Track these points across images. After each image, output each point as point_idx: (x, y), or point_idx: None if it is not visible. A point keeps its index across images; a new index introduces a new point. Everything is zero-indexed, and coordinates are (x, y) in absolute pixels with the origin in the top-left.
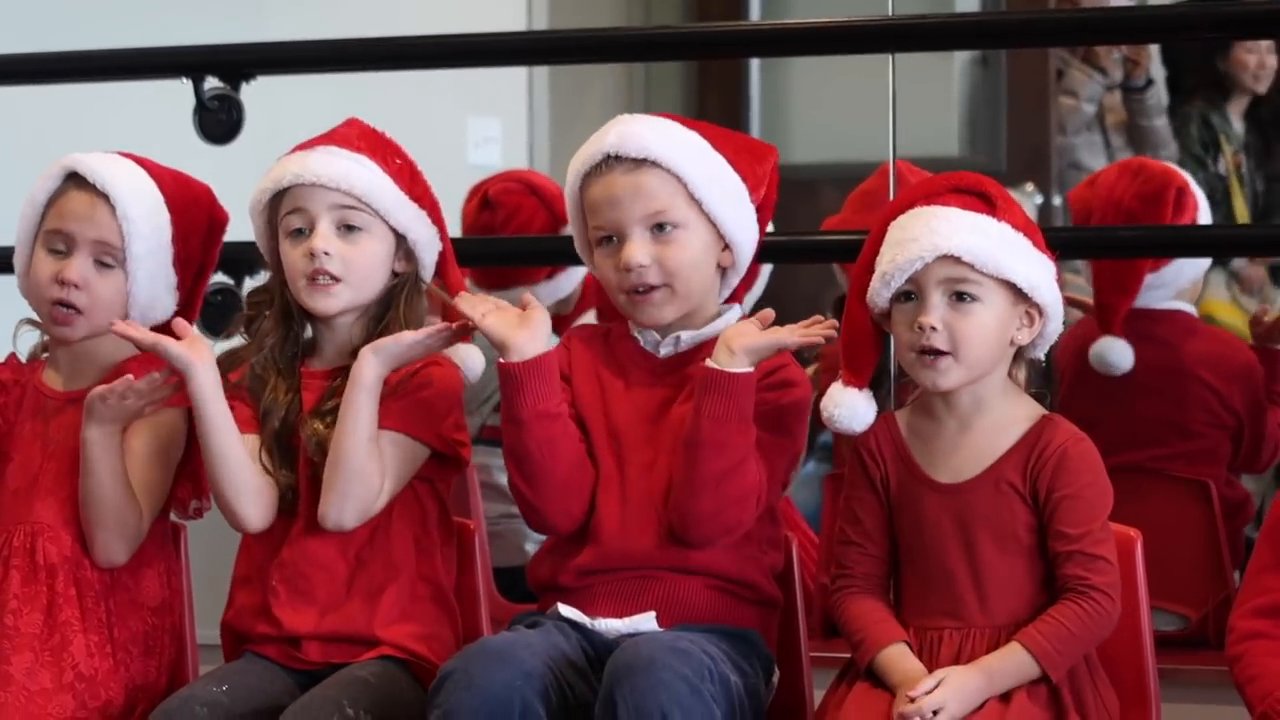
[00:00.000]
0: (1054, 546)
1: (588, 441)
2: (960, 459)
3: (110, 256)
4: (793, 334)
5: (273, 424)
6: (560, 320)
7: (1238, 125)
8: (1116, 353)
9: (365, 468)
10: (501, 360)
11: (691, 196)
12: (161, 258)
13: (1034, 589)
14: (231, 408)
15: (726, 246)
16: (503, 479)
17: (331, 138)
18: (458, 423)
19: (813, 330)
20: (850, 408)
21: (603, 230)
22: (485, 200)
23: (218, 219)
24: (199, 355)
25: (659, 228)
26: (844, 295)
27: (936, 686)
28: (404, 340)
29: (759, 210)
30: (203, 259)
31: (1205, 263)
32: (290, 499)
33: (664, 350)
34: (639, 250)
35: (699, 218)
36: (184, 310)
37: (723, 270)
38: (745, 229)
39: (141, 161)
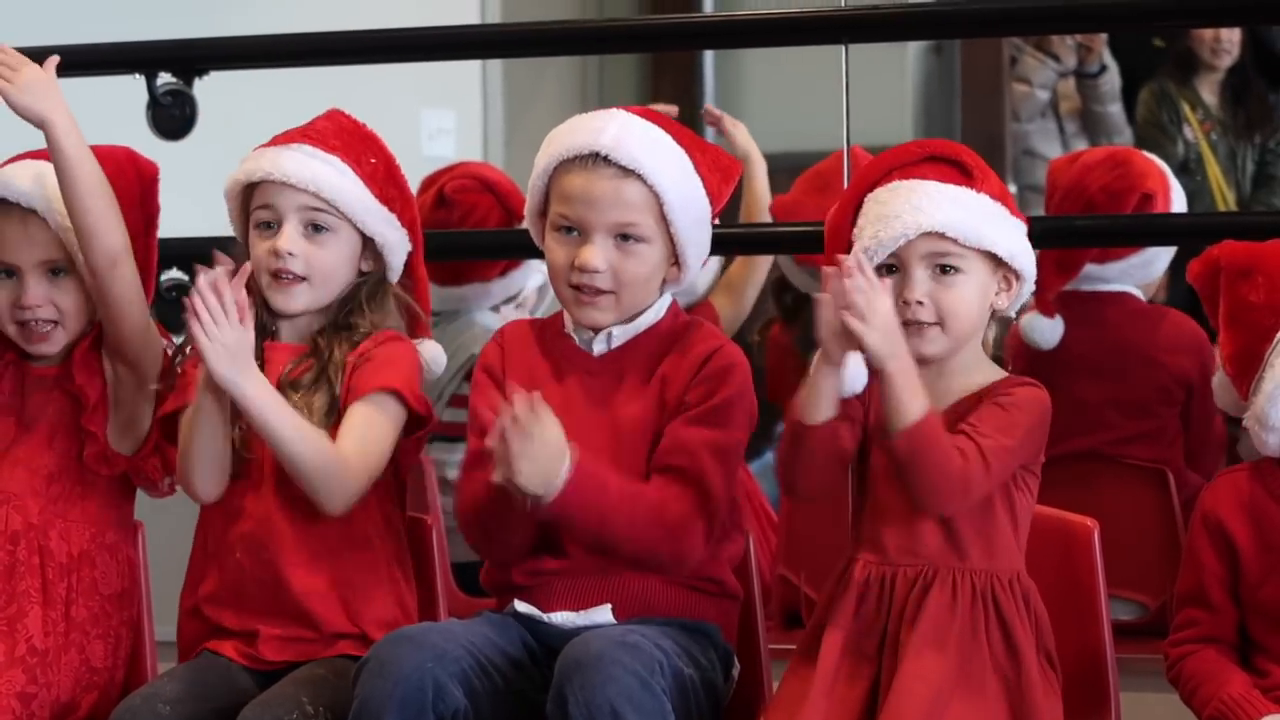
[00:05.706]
0: (953, 429)
1: None
2: None
3: (58, 267)
4: None
5: None
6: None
7: (1209, 98)
8: (1038, 331)
9: (318, 459)
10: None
11: (663, 215)
12: None
13: (981, 522)
14: (184, 372)
15: (676, 263)
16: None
17: (307, 134)
18: (420, 385)
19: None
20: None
21: (567, 221)
22: (441, 198)
23: (144, 172)
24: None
25: (623, 237)
26: (782, 276)
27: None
28: None
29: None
30: (138, 210)
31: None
32: (238, 460)
33: (597, 349)
34: (599, 255)
35: (663, 236)
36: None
37: (663, 281)
38: (700, 252)
39: (41, 155)
